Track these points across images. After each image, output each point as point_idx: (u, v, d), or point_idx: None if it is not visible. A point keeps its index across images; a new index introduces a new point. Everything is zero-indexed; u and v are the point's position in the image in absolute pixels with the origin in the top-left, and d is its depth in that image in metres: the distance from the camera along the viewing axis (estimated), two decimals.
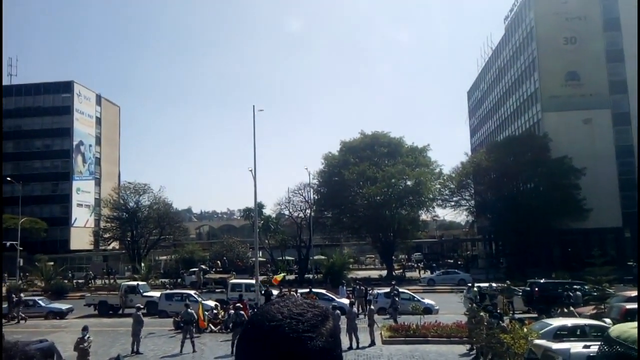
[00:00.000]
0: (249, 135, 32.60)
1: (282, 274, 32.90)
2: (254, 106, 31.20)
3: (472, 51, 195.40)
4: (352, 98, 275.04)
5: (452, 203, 58.99)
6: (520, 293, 29.65)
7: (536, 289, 28.20)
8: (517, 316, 25.07)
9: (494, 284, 32.02)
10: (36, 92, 76.98)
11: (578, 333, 15.80)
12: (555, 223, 49.25)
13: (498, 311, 21.04)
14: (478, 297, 27.50)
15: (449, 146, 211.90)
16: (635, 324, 0.92)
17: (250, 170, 31.01)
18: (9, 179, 61.03)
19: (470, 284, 32.60)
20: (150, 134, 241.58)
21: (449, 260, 69.05)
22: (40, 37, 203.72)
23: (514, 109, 71.37)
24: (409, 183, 53.51)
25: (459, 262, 64.27)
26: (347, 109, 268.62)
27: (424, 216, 61.84)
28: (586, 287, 26.82)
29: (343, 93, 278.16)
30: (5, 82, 78.00)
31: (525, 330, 15.08)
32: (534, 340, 14.27)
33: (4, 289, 44.33)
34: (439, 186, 56.95)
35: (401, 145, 57.34)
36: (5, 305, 33.55)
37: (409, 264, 60.63)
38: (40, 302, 34.40)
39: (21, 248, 52.08)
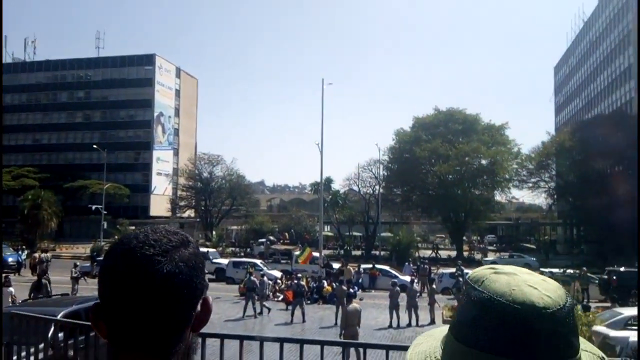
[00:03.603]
0: (320, 109, 32.43)
1: (307, 250, 32.29)
2: (322, 79, 30.96)
3: (562, 24, 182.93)
4: (426, 71, 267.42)
5: (530, 184, 55.96)
6: (597, 281, 28.17)
7: (614, 277, 26.68)
8: (591, 305, 23.59)
9: (569, 270, 30.60)
10: (121, 64, 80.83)
11: None
12: None
13: None
14: None
15: (530, 125, 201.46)
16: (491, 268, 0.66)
17: (317, 144, 30.87)
18: (94, 146, 65.05)
19: (540, 270, 31.01)
20: (225, 107, 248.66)
21: (526, 245, 66.03)
22: (124, 10, 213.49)
23: (605, 86, 66.19)
24: (483, 162, 51.34)
25: (535, 247, 61.33)
26: (420, 83, 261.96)
27: (499, 197, 59.27)
28: None
29: (416, 66, 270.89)
30: (93, 54, 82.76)
31: (590, 317, 14.26)
32: (593, 327, 13.40)
33: (88, 250, 47.75)
34: (516, 166, 54.20)
35: (477, 122, 54.92)
36: (88, 264, 36.03)
37: (480, 246, 58.47)
38: None
39: (105, 212, 55.56)
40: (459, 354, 0.82)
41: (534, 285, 0.80)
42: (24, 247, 43.95)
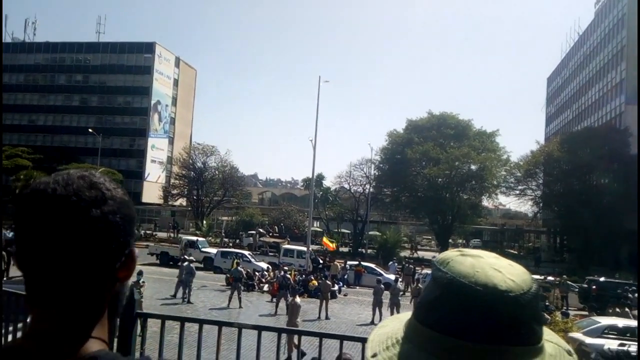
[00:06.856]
0: (315, 106, 33.09)
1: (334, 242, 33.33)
2: (319, 77, 31.63)
3: (557, 36, 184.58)
4: (421, 76, 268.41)
5: (517, 192, 57.13)
6: (577, 289, 28.94)
7: (594, 286, 27.36)
8: (570, 312, 24.47)
9: (550, 277, 31.42)
10: (121, 50, 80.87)
11: (628, 335, 15.21)
12: (628, 223, 46.62)
13: (546, 304, 20.64)
14: None
15: (520, 133, 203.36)
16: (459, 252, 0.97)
17: (311, 140, 31.60)
18: (90, 130, 65.36)
19: None
20: (222, 99, 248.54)
21: (510, 251, 67.23)
22: None
23: (596, 99, 67.36)
24: (473, 167, 52.36)
25: (519, 253, 62.49)
26: (415, 87, 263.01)
27: (487, 203, 60.39)
28: None
29: (412, 70, 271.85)
30: (93, 39, 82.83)
31: (568, 324, 14.90)
32: (570, 333, 14.06)
33: None
34: (504, 173, 55.30)
35: (469, 128, 55.97)
36: None
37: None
38: None
39: None
40: (419, 335, 0.79)
41: (499, 268, 0.77)
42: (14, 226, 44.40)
